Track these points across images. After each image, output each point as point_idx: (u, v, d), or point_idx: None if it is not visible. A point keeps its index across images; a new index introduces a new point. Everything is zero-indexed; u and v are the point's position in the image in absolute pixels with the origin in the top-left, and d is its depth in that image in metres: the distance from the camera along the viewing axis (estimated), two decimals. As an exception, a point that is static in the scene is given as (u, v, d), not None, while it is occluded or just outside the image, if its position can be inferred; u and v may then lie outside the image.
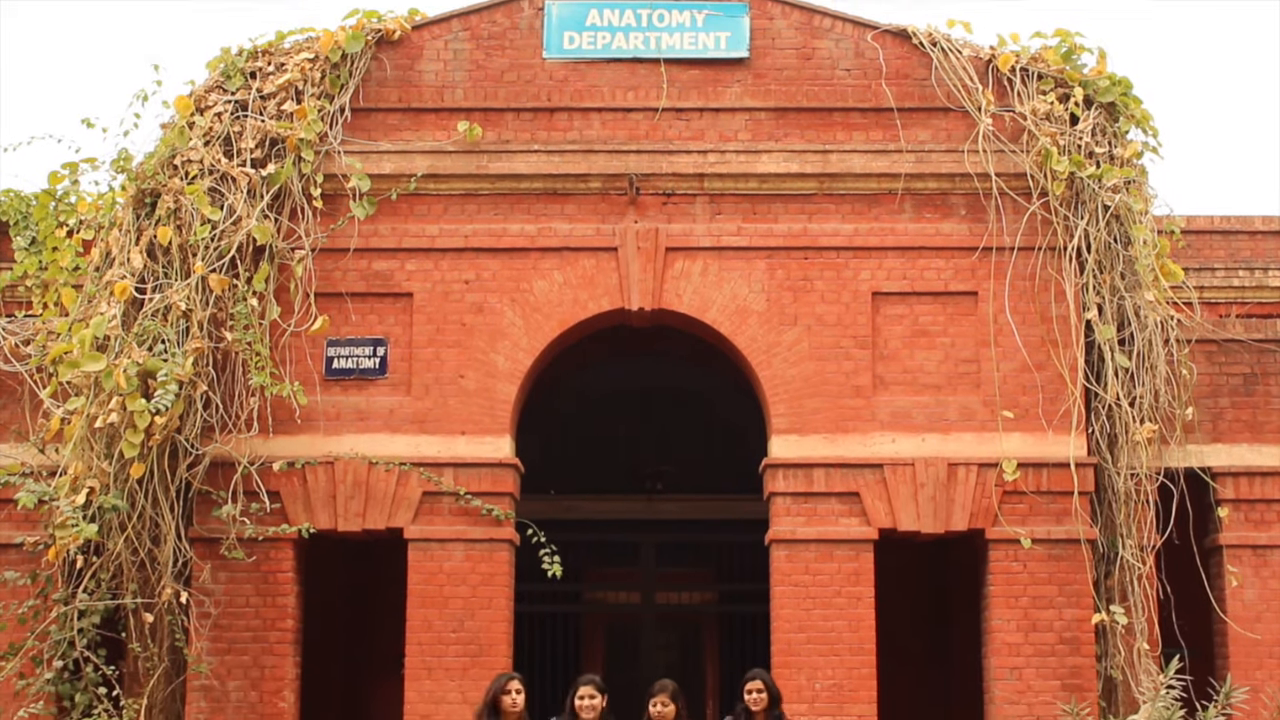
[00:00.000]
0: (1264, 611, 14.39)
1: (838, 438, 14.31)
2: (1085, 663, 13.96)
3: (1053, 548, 14.08)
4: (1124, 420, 14.18)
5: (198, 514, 14.08)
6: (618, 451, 19.36)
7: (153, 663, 13.59)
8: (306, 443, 14.24)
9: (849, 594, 14.09)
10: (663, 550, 18.99)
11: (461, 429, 14.34)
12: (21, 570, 13.76)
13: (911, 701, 16.76)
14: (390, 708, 15.98)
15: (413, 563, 14.19)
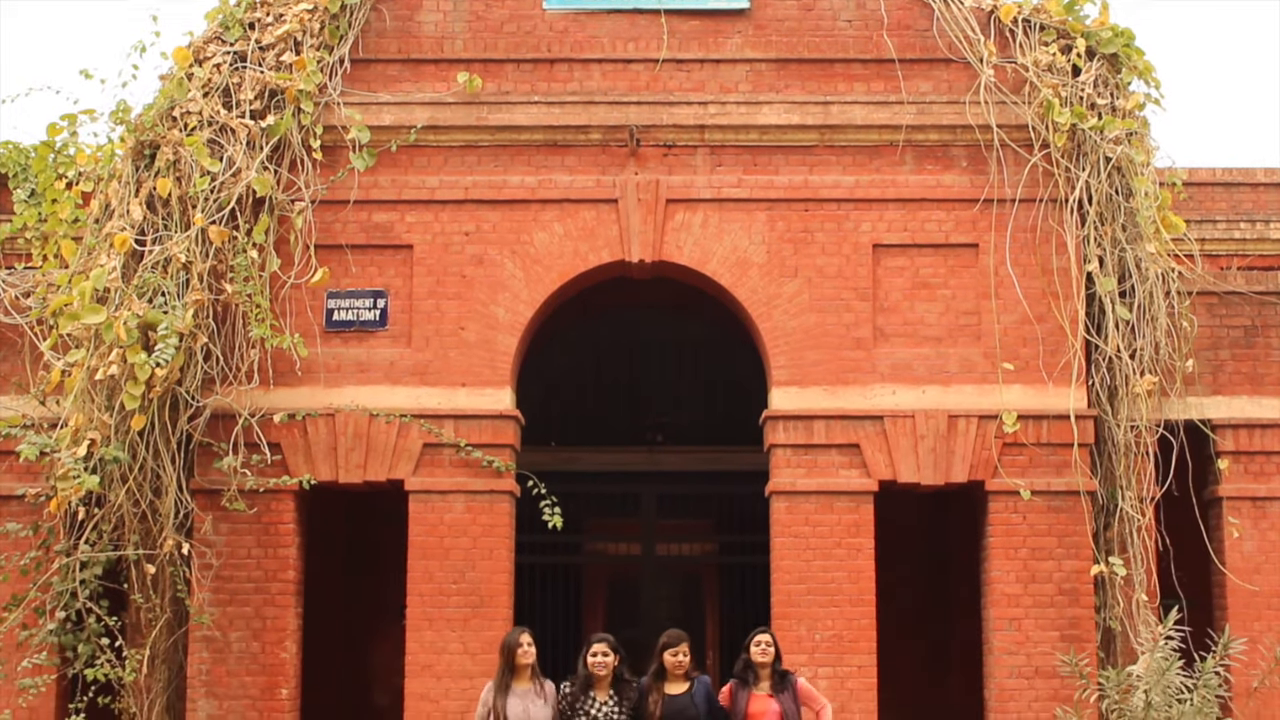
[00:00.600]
0: (1262, 563, 14.43)
1: (838, 389, 14.32)
2: (1084, 614, 14.01)
3: (1052, 499, 14.12)
4: (1124, 372, 14.18)
5: (199, 466, 14.10)
6: (618, 403, 19.37)
7: (155, 614, 13.64)
8: (307, 395, 14.26)
9: (849, 545, 14.13)
10: (663, 502, 19.00)
11: (462, 381, 14.35)
12: (23, 522, 13.80)
13: (911, 652, 16.84)
14: (392, 658, 16.07)
15: (413, 514, 14.22)
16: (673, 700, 11.19)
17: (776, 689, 11.37)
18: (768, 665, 11.40)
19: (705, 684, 11.41)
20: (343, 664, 17.59)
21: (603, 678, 11.22)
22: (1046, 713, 13.77)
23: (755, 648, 11.43)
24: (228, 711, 13.87)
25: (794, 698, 11.36)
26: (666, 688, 11.25)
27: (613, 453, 18.37)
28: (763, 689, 11.38)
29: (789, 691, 11.36)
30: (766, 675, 11.43)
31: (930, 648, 17.40)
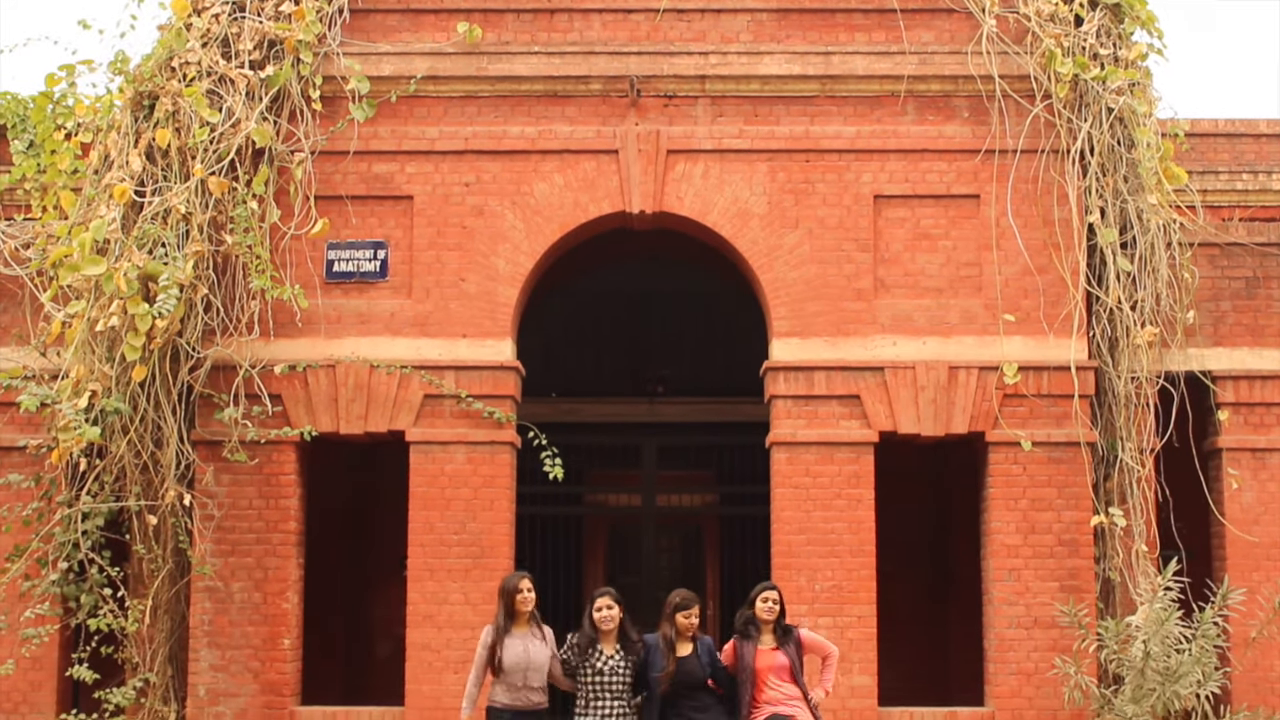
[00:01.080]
0: (1262, 514, 14.46)
1: (839, 340, 14.32)
2: (1084, 564, 14.05)
3: (1052, 450, 14.14)
4: (1125, 323, 14.18)
5: (200, 417, 14.12)
6: (619, 355, 19.40)
7: (157, 564, 13.68)
8: (308, 346, 14.26)
9: (849, 496, 14.16)
10: (664, 453, 19.03)
11: (463, 332, 14.35)
12: (25, 473, 13.84)
13: (911, 603, 16.90)
14: (393, 609, 16.13)
15: (414, 465, 14.25)
16: (683, 663, 11.24)
17: (781, 642, 11.42)
18: (772, 621, 11.44)
19: (708, 644, 11.45)
20: (345, 614, 17.65)
21: (608, 631, 11.25)
22: (1045, 663, 13.83)
23: (761, 604, 11.44)
24: (230, 661, 13.94)
25: (797, 649, 11.40)
26: (678, 649, 11.31)
27: (613, 404, 18.41)
28: (767, 643, 11.42)
29: (792, 644, 11.41)
30: (769, 630, 11.46)
31: (930, 598, 17.45)
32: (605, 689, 11.16)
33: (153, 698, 13.68)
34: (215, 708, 13.89)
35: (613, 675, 11.15)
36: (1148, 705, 13.08)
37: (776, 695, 11.24)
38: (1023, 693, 13.91)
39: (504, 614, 11.31)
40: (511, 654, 11.14)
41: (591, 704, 11.19)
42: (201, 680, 13.92)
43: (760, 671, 11.31)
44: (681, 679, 11.17)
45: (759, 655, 11.36)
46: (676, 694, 11.18)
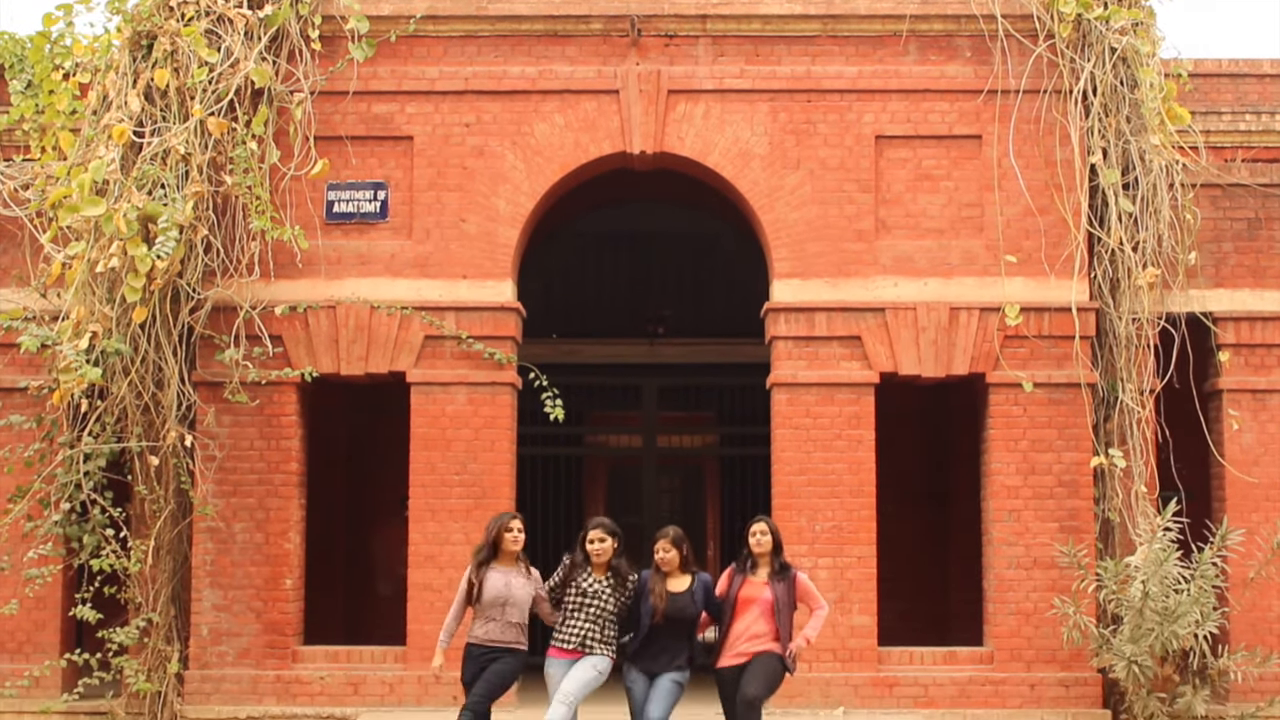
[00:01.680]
0: (1261, 455, 14.49)
1: (839, 282, 14.31)
2: (1083, 505, 14.09)
3: (1053, 391, 14.15)
4: (1126, 265, 14.16)
5: (200, 358, 14.13)
6: (619, 296, 19.38)
7: (159, 505, 13.73)
8: (308, 287, 14.25)
9: (849, 437, 14.18)
10: (664, 394, 19.07)
11: (463, 273, 14.33)
12: (26, 414, 13.86)
13: (911, 543, 16.95)
14: (395, 549, 16.18)
15: (415, 406, 14.27)
16: (674, 598, 11.18)
17: (774, 578, 11.32)
18: (765, 555, 11.38)
19: (705, 581, 11.38)
20: (346, 555, 17.71)
21: (600, 564, 11.18)
22: (1044, 603, 13.89)
23: (751, 538, 11.39)
24: (232, 601, 14.00)
25: (790, 590, 11.29)
26: (670, 585, 11.26)
27: (614, 345, 18.42)
28: (759, 576, 11.34)
29: (787, 583, 11.30)
30: (765, 564, 11.39)
31: (930, 539, 17.50)
32: (583, 608, 11.04)
33: (156, 637, 13.76)
34: (218, 647, 13.97)
35: (595, 598, 11.04)
36: (1146, 645, 13.14)
37: (744, 630, 11.11)
38: (1021, 632, 13.98)
39: (488, 547, 11.18)
40: (491, 587, 11.01)
41: (567, 622, 11.10)
42: (204, 620, 13.99)
43: (740, 602, 11.16)
44: (672, 614, 11.10)
45: (745, 586, 11.24)
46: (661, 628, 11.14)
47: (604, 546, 11.12)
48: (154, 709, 13.76)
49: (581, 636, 11.03)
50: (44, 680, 13.83)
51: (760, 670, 11.03)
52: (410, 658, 14.00)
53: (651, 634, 11.10)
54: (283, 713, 13.89)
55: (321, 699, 13.93)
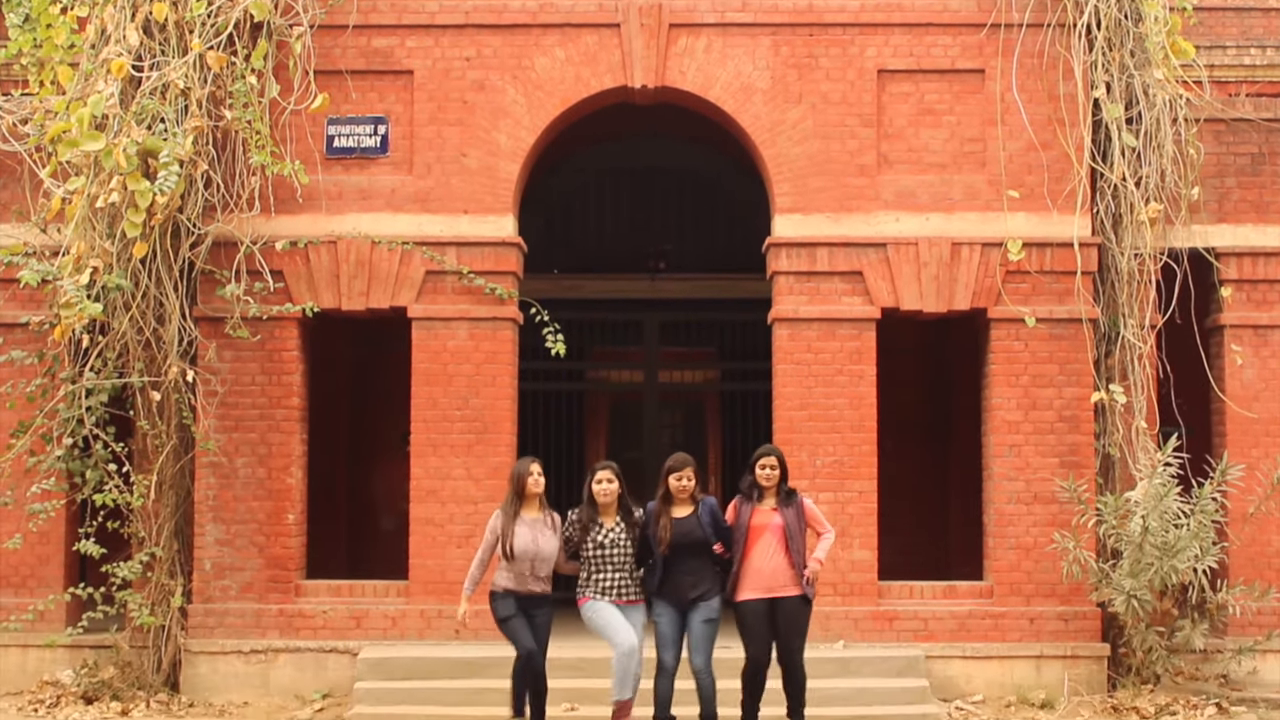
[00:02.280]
0: (1262, 391, 14.49)
1: (841, 217, 14.27)
2: (1084, 440, 14.11)
3: (1054, 327, 14.14)
4: (1129, 200, 14.12)
5: (201, 293, 14.11)
6: (621, 231, 19.34)
7: (161, 440, 13.75)
8: (309, 222, 14.22)
9: (851, 372, 14.18)
10: (665, 329, 19.06)
11: (464, 208, 14.30)
12: (28, 349, 13.88)
13: (912, 478, 16.98)
14: (397, 484, 16.21)
15: (417, 341, 14.27)
16: (680, 523, 11.30)
17: (782, 505, 11.44)
18: (772, 487, 11.47)
19: (710, 505, 11.48)
20: (348, 489, 17.76)
21: (607, 505, 11.37)
22: (1044, 538, 13.93)
23: (760, 470, 11.46)
24: (235, 535, 14.05)
25: (799, 515, 11.42)
26: (674, 511, 11.36)
27: (616, 280, 18.40)
28: (767, 504, 11.44)
29: (794, 508, 11.42)
30: (772, 494, 11.48)
31: (930, 474, 17.54)
32: (607, 561, 11.29)
33: (159, 572, 13.82)
34: (221, 581, 14.03)
35: (613, 548, 11.28)
36: (1145, 579, 13.20)
37: (764, 564, 11.25)
38: (1021, 567, 14.04)
39: (514, 497, 11.40)
40: (521, 542, 11.23)
41: (593, 576, 11.33)
42: (207, 554, 14.05)
43: (754, 530, 11.30)
44: (679, 540, 11.22)
45: (755, 514, 11.37)
46: (675, 556, 11.24)
47: (611, 488, 11.32)
48: (158, 642, 13.84)
49: (616, 586, 11.29)
50: (48, 614, 13.90)
51: (792, 621, 11.24)
52: (413, 592, 14.07)
53: (668, 564, 11.22)
54: (286, 646, 13.97)
55: (324, 633, 14.01)
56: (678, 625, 11.30)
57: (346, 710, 13.17)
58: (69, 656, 14.13)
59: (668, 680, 11.29)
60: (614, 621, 11.18)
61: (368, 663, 13.48)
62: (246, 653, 13.95)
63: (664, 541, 11.19)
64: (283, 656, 13.97)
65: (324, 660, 13.95)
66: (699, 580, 11.28)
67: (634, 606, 11.37)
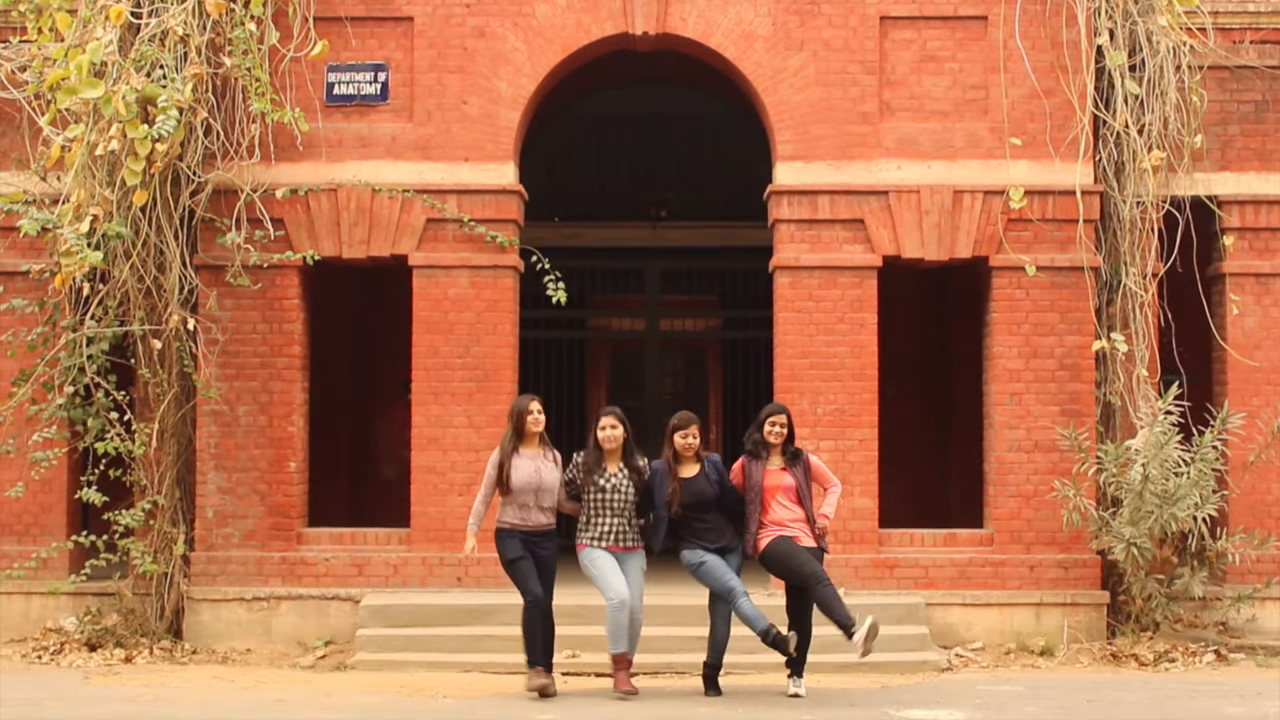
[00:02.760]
0: (1263, 339, 14.49)
1: (843, 164, 14.24)
2: (1085, 389, 14.11)
3: (1056, 275, 14.13)
4: (1132, 147, 14.08)
5: (202, 241, 14.09)
6: (622, 178, 19.30)
7: (162, 388, 13.77)
8: (309, 170, 14.19)
9: (852, 320, 14.18)
10: (667, 277, 19.07)
11: (465, 155, 14.26)
12: (29, 298, 13.87)
13: (912, 426, 17.00)
14: (398, 432, 16.26)
15: (418, 289, 14.26)
16: (690, 483, 11.35)
17: (789, 464, 11.49)
18: (780, 445, 11.51)
19: (715, 462, 11.56)
20: (350, 438, 17.79)
21: (612, 451, 11.42)
22: (1045, 486, 13.96)
23: (769, 428, 11.48)
24: (237, 484, 14.08)
25: (805, 472, 11.48)
26: (682, 471, 11.41)
27: (617, 228, 18.39)
28: (775, 463, 11.49)
29: (801, 466, 11.49)
30: (778, 452, 11.53)
31: (931, 423, 17.56)
32: (607, 506, 11.34)
33: (161, 519, 13.85)
34: (223, 529, 14.07)
35: (614, 493, 11.33)
36: (1145, 527, 13.24)
37: (783, 515, 11.34)
38: (1021, 515, 14.07)
39: (513, 434, 11.44)
40: (521, 474, 11.28)
41: (593, 520, 11.38)
42: (209, 502, 14.08)
43: (768, 490, 11.38)
44: (689, 499, 11.31)
45: (767, 475, 11.43)
46: (686, 513, 11.32)
47: (616, 434, 11.36)
48: (160, 590, 13.89)
49: (615, 532, 11.34)
50: (51, 562, 13.94)
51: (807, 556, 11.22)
52: (414, 540, 14.11)
53: (684, 523, 11.34)
54: (288, 594, 14.03)
55: (326, 580, 14.06)
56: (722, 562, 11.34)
57: (349, 657, 13.24)
58: (72, 604, 14.17)
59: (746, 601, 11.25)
60: (608, 573, 11.24)
61: (370, 610, 13.54)
62: (249, 600, 14.00)
63: (676, 503, 11.24)
64: (285, 604, 14.03)
65: (326, 608, 14.01)
66: (720, 531, 11.38)
67: (632, 554, 11.43)
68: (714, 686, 11.45)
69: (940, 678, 12.58)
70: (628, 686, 11.24)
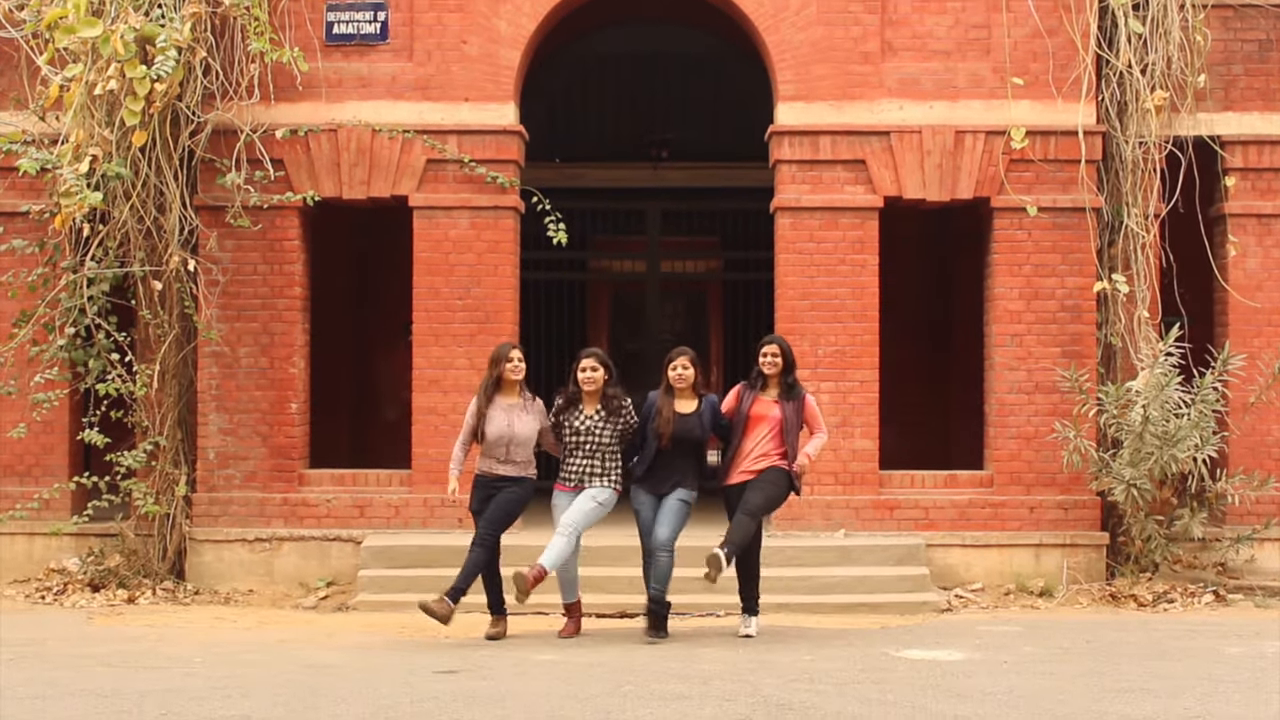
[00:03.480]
0: (1265, 280, 14.47)
1: (845, 104, 14.18)
2: (1086, 330, 14.11)
3: (1058, 216, 14.09)
4: (1135, 87, 14.02)
5: (202, 182, 14.06)
6: (623, 119, 19.23)
7: (163, 329, 13.77)
8: (309, 110, 14.13)
9: (853, 261, 14.16)
10: (668, 218, 19.02)
11: (465, 95, 14.20)
12: (29, 239, 13.84)
13: (913, 367, 17.02)
14: (399, 374, 16.26)
15: (418, 230, 14.23)
16: (682, 419, 11.35)
17: (784, 397, 11.45)
18: (775, 376, 11.48)
19: (712, 402, 11.55)
20: (351, 379, 17.80)
21: (591, 393, 11.36)
22: (1045, 427, 13.97)
23: (763, 359, 11.47)
24: (238, 425, 14.10)
25: (799, 410, 11.44)
26: (677, 405, 11.41)
27: (618, 169, 18.34)
28: (769, 394, 11.47)
29: (796, 403, 11.44)
30: (775, 384, 11.51)
31: (931, 365, 17.57)
32: (579, 447, 11.32)
33: (163, 461, 13.88)
34: (225, 470, 14.10)
35: (589, 435, 11.29)
36: (1145, 468, 13.26)
37: (753, 448, 11.27)
38: (1021, 456, 14.09)
39: (491, 382, 11.40)
40: (494, 427, 11.25)
41: (568, 460, 11.39)
42: (210, 444, 14.11)
43: (752, 419, 11.34)
44: (678, 434, 11.30)
45: (756, 403, 11.40)
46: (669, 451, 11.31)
47: (595, 376, 11.28)
48: (163, 531, 13.94)
49: (580, 473, 11.32)
50: (54, 503, 13.98)
51: (765, 484, 11.23)
52: (415, 481, 14.14)
53: (659, 456, 11.29)
54: (290, 535, 14.07)
55: (328, 521, 14.10)
56: (656, 510, 11.37)
57: (351, 598, 13.30)
58: (75, 544, 14.23)
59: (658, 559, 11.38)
60: (560, 521, 11.24)
61: (371, 551, 13.58)
62: (251, 541, 14.05)
63: (665, 435, 11.24)
64: (287, 545, 14.08)
65: (328, 549, 14.06)
66: (683, 476, 11.36)
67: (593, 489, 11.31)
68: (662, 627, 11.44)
69: (940, 618, 12.62)
70: (567, 632, 11.36)
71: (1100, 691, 9.23)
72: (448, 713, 8.45)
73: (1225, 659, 10.57)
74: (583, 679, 9.63)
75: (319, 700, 8.84)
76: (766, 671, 9.91)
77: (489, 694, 9.06)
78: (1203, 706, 8.75)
